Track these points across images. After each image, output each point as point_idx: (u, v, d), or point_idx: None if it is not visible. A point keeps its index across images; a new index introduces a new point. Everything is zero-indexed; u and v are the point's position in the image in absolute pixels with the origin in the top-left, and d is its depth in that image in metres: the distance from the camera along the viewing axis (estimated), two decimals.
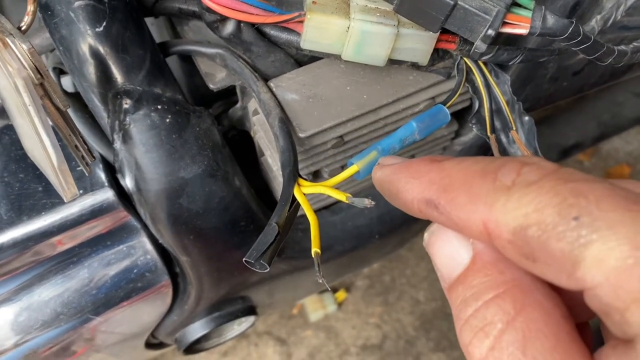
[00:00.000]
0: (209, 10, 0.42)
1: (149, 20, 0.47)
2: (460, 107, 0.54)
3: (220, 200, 0.49)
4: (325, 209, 0.65)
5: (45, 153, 0.37)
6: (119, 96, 0.44)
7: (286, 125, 0.43)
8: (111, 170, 0.50)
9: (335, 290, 1.32)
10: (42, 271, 0.52)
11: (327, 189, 0.35)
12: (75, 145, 0.41)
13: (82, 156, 0.42)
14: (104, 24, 0.42)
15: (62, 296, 0.52)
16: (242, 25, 0.43)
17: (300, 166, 0.47)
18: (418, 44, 0.41)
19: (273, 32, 0.43)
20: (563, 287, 0.20)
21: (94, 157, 0.42)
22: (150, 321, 0.60)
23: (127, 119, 0.44)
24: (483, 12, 0.35)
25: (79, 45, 0.43)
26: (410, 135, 0.38)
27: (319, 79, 0.46)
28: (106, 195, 0.49)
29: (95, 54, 0.43)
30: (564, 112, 1.03)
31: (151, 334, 0.65)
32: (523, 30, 0.36)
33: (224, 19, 0.43)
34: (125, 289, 0.53)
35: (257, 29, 0.44)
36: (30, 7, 0.34)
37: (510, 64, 0.43)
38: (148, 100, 0.44)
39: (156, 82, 0.45)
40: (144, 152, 0.45)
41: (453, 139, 0.62)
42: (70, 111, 0.41)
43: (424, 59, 0.43)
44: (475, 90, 0.45)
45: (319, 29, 0.40)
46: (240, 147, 0.58)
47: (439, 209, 0.24)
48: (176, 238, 0.50)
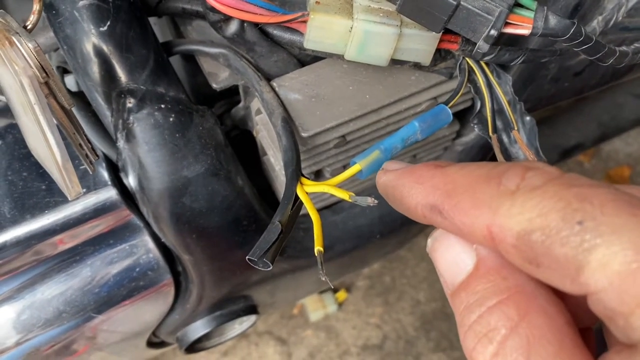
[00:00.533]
0: (213, 9, 0.42)
1: (151, 20, 0.47)
2: (462, 107, 0.54)
3: (223, 199, 0.49)
4: (326, 209, 0.65)
5: (49, 151, 0.37)
6: (122, 95, 0.44)
7: (289, 124, 0.43)
8: (114, 169, 0.50)
9: (335, 291, 1.32)
10: (45, 269, 0.52)
11: (330, 188, 0.35)
12: (79, 144, 0.41)
13: (86, 154, 0.42)
14: (108, 23, 0.43)
15: (65, 294, 0.52)
16: (246, 25, 0.43)
17: (302, 165, 0.47)
18: (420, 44, 0.41)
19: (276, 32, 0.44)
20: (567, 292, 0.20)
21: (97, 156, 0.43)
22: (152, 320, 0.61)
23: (131, 117, 0.44)
24: (486, 13, 0.35)
25: (83, 45, 0.43)
26: (412, 135, 0.39)
27: (322, 78, 0.47)
28: (109, 193, 0.49)
29: (99, 53, 0.43)
30: (565, 113, 1.04)
31: (153, 332, 0.65)
32: (525, 31, 0.36)
33: (227, 19, 0.43)
34: (127, 288, 0.53)
35: (261, 28, 0.44)
36: (36, 6, 0.34)
37: (512, 64, 0.43)
38: (151, 99, 0.44)
39: (160, 82, 0.45)
40: (147, 151, 0.45)
41: (454, 139, 0.62)
42: (74, 110, 0.41)
43: (426, 59, 0.43)
44: (477, 91, 0.45)
45: (322, 29, 0.40)
46: (242, 147, 0.58)
47: (442, 214, 0.24)
48: (179, 237, 0.50)
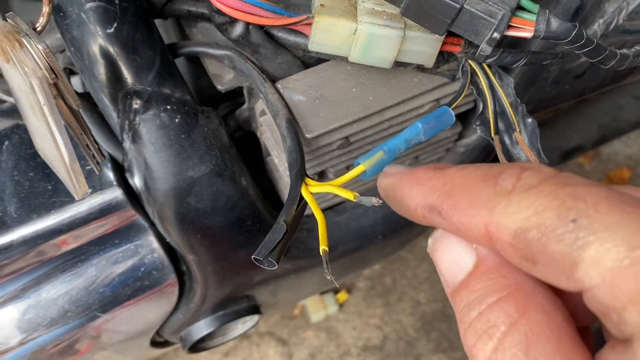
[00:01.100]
0: (218, 12, 0.42)
1: (156, 22, 0.48)
2: (464, 109, 0.55)
3: (228, 199, 0.50)
4: (329, 210, 0.65)
5: (57, 151, 0.37)
6: (129, 96, 0.45)
7: (293, 125, 0.43)
8: (119, 170, 0.51)
9: (336, 292, 1.32)
10: (50, 269, 0.52)
11: (335, 188, 0.35)
12: (87, 144, 0.41)
13: (93, 155, 0.42)
14: (115, 25, 0.43)
15: (70, 294, 0.53)
16: (251, 27, 0.44)
17: (306, 166, 0.47)
18: (424, 46, 0.42)
19: (281, 34, 0.44)
20: (563, 289, 0.21)
21: (104, 156, 0.43)
22: (156, 319, 0.61)
23: (137, 118, 0.45)
24: (488, 16, 0.35)
25: (89, 46, 0.43)
26: (415, 136, 0.39)
27: (326, 80, 0.47)
28: (115, 194, 0.50)
29: (105, 54, 0.44)
30: (566, 115, 1.04)
31: (156, 332, 0.66)
32: (527, 34, 0.36)
33: (233, 21, 0.44)
34: (132, 287, 0.54)
35: (265, 31, 0.44)
36: (45, 9, 0.35)
37: (514, 66, 0.44)
38: (157, 100, 0.45)
39: (165, 83, 0.45)
40: (153, 152, 0.45)
41: (457, 140, 0.62)
42: (81, 111, 0.42)
43: (429, 61, 0.43)
44: (480, 93, 0.45)
45: (326, 32, 0.40)
46: (246, 148, 0.58)
47: (441, 214, 0.25)
48: (183, 236, 0.51)
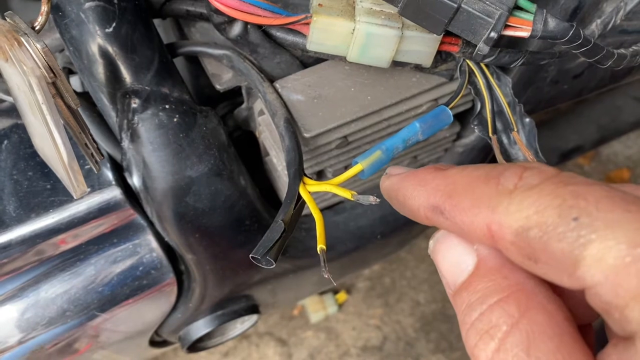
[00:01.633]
0: (217, 12, 0.42)
1: (155, 22, 0.48)
2: (462, 109, 0.55)
3: (226, 199, 0.50)
4: (328, 209, 0.65)
5: (56, 150, 0.37)
6: (127, 96, 0.45)
7: (292, 125, 0.43)
8: (118, 169, 0.51)
9: (335, 292, 1.33)
10: (49, 268, 0.52)
11: (333, 187, 0.35)
12: (85, 144, 0.41)
13: (92, 154, 0.42)
14: (114, 24, 0.43)
15: (69, 293, 0.53)
16: (249, 27, 0.44)
17: (304, 166, 0.47)
18: (422, 46, 0.42)
19: (279, 34, 0.44)
20: (565, 287, 0.21)
21: (102, 155, 0.43)
22: (155, 318, 0.61)
23: (136, 118, 0.45)
24: (486, 15, 0.35)
25: (88, 46, 0.43)
26: (413, 136, 0.39)
27: (324, 80, 0.47)
28: (113, 193, 0.50)
29: (104, 54, 0.44)
30: (564, 116, 1.04)
31: (155, 331, 0.66)
32: (525, 33, 0.36)
33: (231, 21, 0.44)
34: (130, 286, 0.54)
35: (264, 30, 0.44)
36: (44, 8, 0.35)
37: (512, 66, 0.44)
38: (156, 99, 0.45)
39: (164, 82, 0.46)
40: (151, 151, 0.46)
41: (455, 140, 0.62)
42: (80, 110, 0.42)
43: (427, 61, 0.44)
44: (478, 92, 0.45)
45: (324, 31, 0.41)
46: (244, 147, 0.58)
47: (444, 214, 0.25)
48: (182, 236, 0.51)
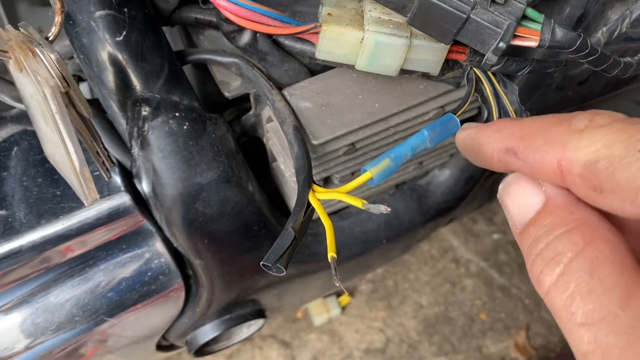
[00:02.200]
0: (227, 21, 0.43)
1: (164, 30, 0.48)
2: (468, 116, 0.55)
3: (235, 205, 0.50)
4: (333, 214, 0.66)
5: (68, 158, 0.38)
6: (137, 103, 0.45)
7: (300, 132, 0.44)
8: (127, 175, 0.51)
9: (339, 295, 1.33)
10: (58, 274, 0.53)
11: (342, 195, 0.36)
12: (97, 152, 0.42)
13: (103, 162, 0.43)
14: (124, 33, 0.44)
15: (78, 298, 0.53)
16: (258, 35, 0.44)
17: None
18: (429, 55, 0.42)
19: (288, 42, 0.44)
20: (627, 216, 0.23)
21: (113, 163, 0.44)
22: (163, 323, 0.61)
23: (146, 125, 0.45)
24: (495, 26, 0.36)
25: (99, 54, 0.44)
26: (422, 144, 0.40)
27: (332, 87, 0.48)
28: (123, 199, 0.50)
29: (114, 62, 0.44)
30: None
31: (162, 336, 0.66)
32: (533, 43, 0.37)
33: (241, 30, 0.44)
34: (139, 292, 0.54)
35: (273, 39, 0.45)
36: (58, 18, 0.35)
37: (518, 74, 0.44)
38: (166, 107, 0.45)
39: (174, 90, 0.46)
40: (161, 158, 0.46)
41: None
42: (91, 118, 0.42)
43: (434, 69, 0.44)
44: (484, 100, 0.46)
45: (334, 40, 0.41)
46: (251, 153, 0.59)
47: (517, 154, 0.27)
48: (190, 242, 0.51)
